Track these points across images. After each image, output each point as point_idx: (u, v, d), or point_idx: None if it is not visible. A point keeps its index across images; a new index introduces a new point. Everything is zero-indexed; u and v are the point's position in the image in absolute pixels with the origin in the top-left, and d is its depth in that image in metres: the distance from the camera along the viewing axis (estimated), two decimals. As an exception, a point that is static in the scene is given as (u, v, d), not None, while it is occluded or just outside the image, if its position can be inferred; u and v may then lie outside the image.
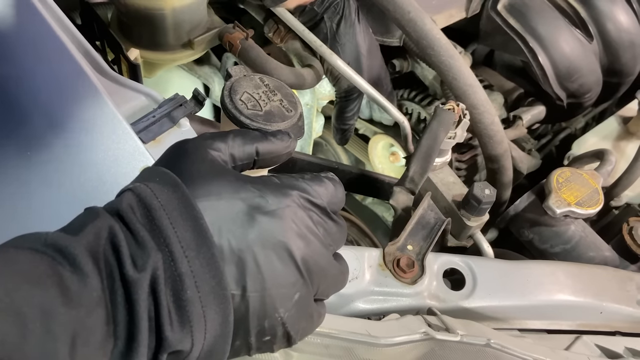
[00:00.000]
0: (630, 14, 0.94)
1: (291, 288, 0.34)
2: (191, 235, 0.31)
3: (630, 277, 0.66)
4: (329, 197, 0.37)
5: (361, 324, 0.49)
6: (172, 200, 0.32)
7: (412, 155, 0.64)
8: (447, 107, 0.63)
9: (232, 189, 0.34)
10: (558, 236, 0.71)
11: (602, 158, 0.78)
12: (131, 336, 0.29)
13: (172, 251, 0.30)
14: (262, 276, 0.33)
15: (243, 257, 0.33)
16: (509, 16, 0.88)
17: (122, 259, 0.29)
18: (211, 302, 0.31)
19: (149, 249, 0.30)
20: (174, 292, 0.30)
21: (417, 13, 0.68)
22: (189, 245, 0.31)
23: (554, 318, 0.61)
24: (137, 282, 0.29)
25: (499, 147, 0.72)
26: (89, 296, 0.28)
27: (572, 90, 0.91)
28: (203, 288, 0.31)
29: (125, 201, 0.32)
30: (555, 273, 0.61)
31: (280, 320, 0.34)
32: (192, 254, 0.31)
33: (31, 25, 0.52)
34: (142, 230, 0.31)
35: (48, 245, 0.29)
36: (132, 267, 0.29)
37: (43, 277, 0.27)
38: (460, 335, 0.50)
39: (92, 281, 0.28)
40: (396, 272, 0.55)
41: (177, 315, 0.30)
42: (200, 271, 0.31)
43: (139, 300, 0.29)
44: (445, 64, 0.68)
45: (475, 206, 0.63)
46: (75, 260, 0.28)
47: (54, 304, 0.27)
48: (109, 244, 0.30)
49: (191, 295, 0.30)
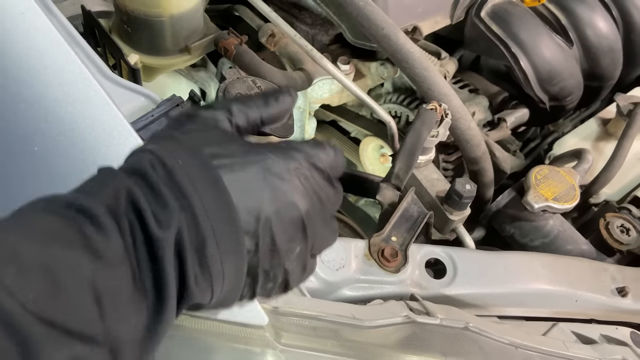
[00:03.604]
0: (609, 20, 0.98)
1: (294, 243, 0.37)
2: (212, 196, 0.33)
3: (605, 268, 0.69)
4: (330, 162, 0.39)
5: (347, 308, 0.52)
6: (192, 162, 0.34)
7: (397, 153, 0.68)
8: (430, 107, 0.67)
9: (243, 152, 0.36)
10: (537, 230, 0.74)
11: (579, 157, 0.82)
12: (160, 292, 0.30)
13: (194, 211, 0.32)
14: (273, 233, 0.35)
15: (258, 216, 0.35)
16: (492, 23, 0.92)
17: (145, 217, 0.31)
18: (230, 259, 0.33)
19: (173, 208, 0.31)
20: (197, 250, 0.32)
21: (391, 29, 0.72)
22: (210, 206, 0.33)
23: (531, 306, 0.64)
24: (162, 240, 0.30)
25: (477, 150, 0.76)
26: (114, 254, 0.29)
27: (554, 94, 0.95)
28: (223, 246, 0.33)
29: (147, 161, 0.33)
30: (532, 263, 0.65)
31: (283, 271, 0.37)
32: (214, 214, 0.33)
33: (38, 33, 0.55)
34: (165, 190, 0.32)
35: (69, 206, 0.30)
36: (156, 225, 0.31)
37: (69, 237, 0.29)
38: (440, 319, 0.53)
39: (115, 240, 0.30)
40: (381, 261, 0.59)
41: (200, 270, 0.32)
42: (221, 230, 0.33)
43: (164, 258, 0.30)
44: (419, 76, 0.72)
45: (457, 201, 0.67)
46: (97, 220, 0.30)
47: (82, 262, 0.28)
48: (129, 204, 0.31)
49: (212, 252, 0.32)
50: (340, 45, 0.98)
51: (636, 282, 0.69)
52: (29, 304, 0.26)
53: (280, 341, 0.46)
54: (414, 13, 0.89)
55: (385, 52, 0.75)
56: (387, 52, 0.75)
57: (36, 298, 0.26)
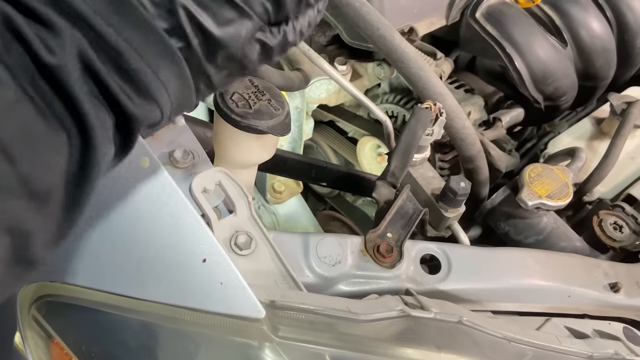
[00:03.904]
0: (602, 21, 0.99)
1: (233, 24, 0.31)
2: (107, 2, 0.28)
3: (598, 264, 0.70)
4: None
5: (343, 302, 0.53)
6: None
7: (393, 151, 0.69)
8: (425, 106, 0.68)
9: None
10: (531, 227, 0.76)
11: (573, 155, 0.83)
12: (81, 123, 0.27)
13: (91, 24, 0.27)
14: (198, 21, 0.30)
15: (169, 8, 0.29)
16: (486, 23, 0.93)
17: (31, 46, 0.26)
18: (160, 63, 0.29)
19: (61, 29, 0.26)
20: (116, 67, 0.28)
21: (386, 29, 0.74)
22: (107, 12, 0.27)
23: (524, 301, 0.65)
24: (60, 67, 0.26)
25: (472, 149, 0.77)
26: (6, 91, 0.25)
27: (548, 93, 0.96)
28: (145, 53, 0.28)
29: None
30: (525, 259, 0.66)
31: (232, 56, 0.33)
32: (116, 21, 0.28)
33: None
34: (43, 8, 0.26)
35: None
36: (46, 52, 0.26)
37: None
38: (434, 312, 0.54)
39: (4, 75, 0.25)
40: (376, 257, 0.60)
41: (132, 88, 0.28)
42: (134, 37, 0.28)
43: (70, 85, 0.26)
44: (415, 75, 0.73)
45: (452, 198, 0.68)
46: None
47: None
48: (6, 32, 0.26)
49: (135, 64, 0.28)
50: (338, 46, 0.99)
51: (628, 277, 0.70)
52: None
53: (277, 334, 0.47)
54: (410, 14, 0.90)
55: (381, 52, 0.77)
56: (382, 53, 0.76)
57: None
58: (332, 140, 1.18)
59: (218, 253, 0.47)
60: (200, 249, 0.47)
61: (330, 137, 1.18)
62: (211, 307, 0.46)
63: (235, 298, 0.46)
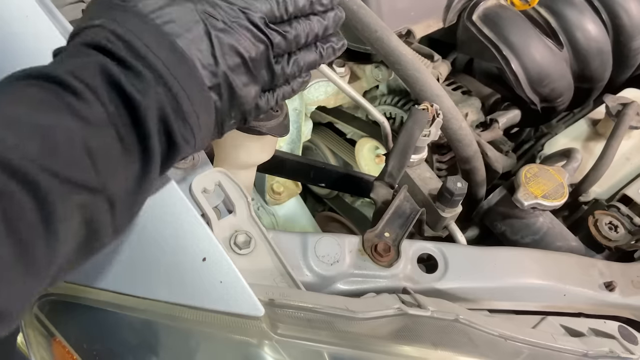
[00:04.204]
0: (598, 23, 1.00)
1: (248, 87, 0.42)
2: (174, 61, 0.37)
3: (593, 263, 0.71)
4: (266, 10, 0.42)
5: (341, 300, 0.54)
6: (144, 29, 0.36)
7: (391, 152, 0.70)
8: (422, 107, 0.69)
9: (184, 12, 0.39)
10: (528, 227, 0.76)
11: (569, 156, 0.84)
12: (146, 150, 0.35)
13: (164, 77, 0.36)
14: (230, 83, 0.40)
15: (214, 71, 0.39)
16: (483, 26, 0.94)
17: (124, 87, 0.34)
18: (202, 111, 0.39)
19: (147, 77, 0.35)
20: (175, 110, 0.37)
21: (384, 31, 0.74)
22: (176, 70, 0.37)
23: (520, 299, 0.66)
24: (144, 105, 0.34)
25: (468, 150, 0.78)
26: (98, 119, 0.33)
27: (545, 95, 0.97)
28: (195, 101, 0.38)
29: (103, 37, 0.36)
30: (521, 258, 0.66)
31: (241, 112, 0.44)
32: (181, 77, 0.37)
33: (42, 36, 0.57)
34: (134, 62, 0.35)
35: (47, 79, 0.33)
36: (137, 93, 0.34)
37: (55, 104, 0.32)
38: (431, 311, 0.55)
39: (96, 107, 0.33)
40: (374, 256, 0.61)
41: (183, 126, 0.38)
42: (189, 88, 0.37)
43: (148, 120, 0.34)
44: (412, 77, 0.74)
45: (449, 198, 0.69)
46: (76, 90, 0.32)
47: (73, 125, 0.31)
48: (103, 76, 0.34)
49: (187, 109, 0.37)
50: (336, 48, 1.00)
51: (623, 277, 0.71)
52: (34, 159, 0.29)
53: (276, 332, 0.48)
54: (408, 17, 0.91)
55: (379, 55, 0.78)
56: (380, 55, 0.77)
57: (38, 155, 0.29)
58: (331, 142, 1.18)
59: (218, 252, 0.48)
60: (200, 248, 0.48)
61: (328, 139, 1.19)
62: (211, 305, 0.47)
63: (234, 296, 0.47)
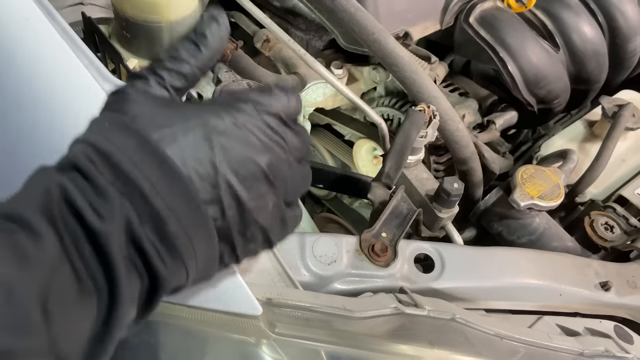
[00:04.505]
0: (594, 25, 1.01)
1: (263, 198, 0.35)
2: (159, 173, 0.31)
3: (589, 263, 0.72)
4: (282, 106, 0.37)
5: (338, 300, 0.54)
6: (129, 142, 0.31)
7: (388, 153, 0.70)
8: (418, 108, 0.69)
9: (182, 117, 0.33)
10: (524, 228, 0.77)
11: (565, 157, 0.85)
12: (112, 288, 0.29)
13: (143, 192, 0.30)
14: (235, 194, 0.33)
15: (213, 182, 0.33)
16: (480, 28, 0.94)
17: (81, 212, 0.28)
18: (195, 231, 0.32)
19: (112, 197, 0.29)
20: (157, 231, 0.30)
21: (381, 34, 0.75)
22: (160, 183, 0.30)
23: (516, 299, 0.66)
24: (103, 232, 0.28)
25: (465, 151, 0.79)
26: (48, 255, 0.27)
27: (541, 97, 0.98)
28: (184, 220, 0.31)
29: (80, 152, 0.31)
30: (517, 258, 0.67)
31: (260, 229, 0.36)
32: (165, 191, 0.30)
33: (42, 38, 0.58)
34: (101, 179, 0.30)
35: (6, 217, 0.28)
36: (96, 219, 0.29)
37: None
38: (427, 310, 0.56)
39: (49, 240, 0.28)
40: (371, 256, 0.61)
41: (166, 251, 0.31)
42: (177, 205, 0.31)
43: (111, 251, 0.28)
44: (409, 79, 0.75)
45: (445, 199, 0.69)
46: (25, 222, 0.27)
47: (13, 270, 0.26)
48: (63, 201, 0.29)
49: (174, 229, 0.30)
50: (334, 50, 1.01)
51: (619, 277, 0.71)
52: None
53: (274, 331, 0.49)
54: (405, 19, 0.92)
55: (376, 57, 0.78)
56: (377, 57, 0.77)
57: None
58: (329, 143, 1.19)
59: (216, 252, 0.48)
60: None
61: (326, 140, 1.19)
62: (209, 305, 0.47)
63: (233, 296, 0.48)
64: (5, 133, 0.55)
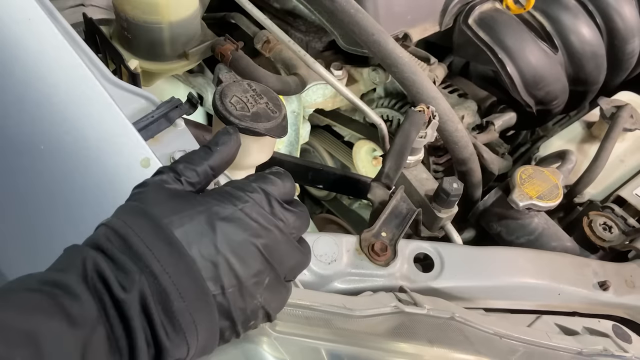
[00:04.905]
0: (592, 27, 1.02)
1: (261, 276, 0.39)
2: (167, 253, 0.36)
3: (587, 263, 0.72)
4: (278, 191, 0.41)
5: (338, 299, 0.54)
6: (144, 226, 0.36)
7: (387, 153, 0.71)
8: (418, 109, 0.70)
9: (190, 205, 0.39)
10: (523, 228, 0.77)
11: (563, 157, 0.85)
12: (132, 348, 0.34)
13: (153, 271, 0.35)
14: (235, 272, 0.38)
15: (215, 261, 0.37)
16: (479, 29, 0.95)
17: (109, 283, 0.34)
18: (198, 307, 0.36)
19: (132, 272, 0.35)
20: (163, 306, 0.35)
21: (381, 35, 0.76)
22: (167, 262, 0.35)
23: (515, 299, 0.67)
24: (126, 301, 0.34)
25: (464, 152, 0.79)
26: (90, 317, 0.33)
27: (540, 98, 0.98)
28: (188, 297, 0.35)
29: (102, 235, 0.37)
30: (516, 258, 0.67)
31: (259, 304, 0.39)
32: (172, 269, 0.35)
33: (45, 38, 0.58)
34: (122, 257, 0.35)
35: (43, 282, 0.33)
36: (120, 289, 0.34)
37: (47, 308, 0.32)
38: (427, 309, 0.56)
39: (89, 304, 0.33)
40: (371, 255, 0.61)
41: (170, 325, 0.35)
42: (182, 283, 0.35)
43: (132, 317, 0.33)
44: (409, 80, 0.75)
45: (445, 199, 0.70)
46: (70, 289, 0.33)
47: (62, 328, 0.31)
48: (94, 272, 0.34)
49: (178, 306, 0.35)
50: (334, 51, 1.01)
51: (617, 276, 0.71)
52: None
53: (275, 329, 0.49)
54: (404, 20, 0.93)
55: (376, 58, 0.79)
56: (377, 58, 0.78)
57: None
58: (329, 144, 1.19)
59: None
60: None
61: (326, 141, 1.20)
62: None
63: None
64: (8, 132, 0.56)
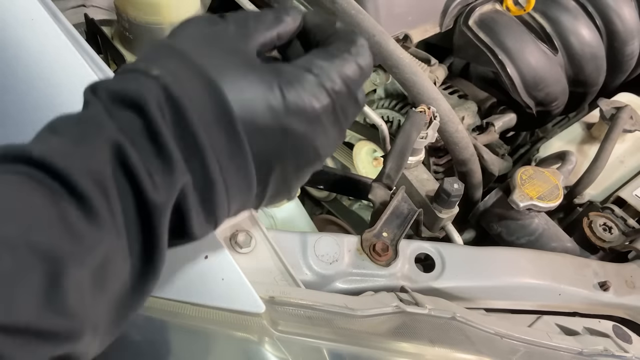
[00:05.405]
0: (592, 29, 1.02)
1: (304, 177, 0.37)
2: (225, 142, 0.29)
3: (587, 263, 0.72)
4: (352, 72, 0.38)
5: (340, 298, 0.54)
6: (205, 100, 0.29)
7: (388, 154, 0.71)
8: (419, 109, 0.70)
9: (264, 86, 0.31)
10: (523, 228, 0.77)
11: (563, 158, 0.85)
12: (149, 261, 0.28)
13: (204, 161, 0.29)
14: (286, 183, 0.35)
15: (270, 169, 0.33)
16: (479, 31, 0.95)
17: (137, 180, 0.26)
18: (237, 200, 0.32)
19: (177, 168, 0.27)
20: (202, 195, 0.30)
21: (382, 36, 0.76)
22: (222, 153, 0.29)
23: (516, 299, 0.67)
24: (159, 206, 0.27)
25: (465, 152, 0.79)
26: (105, 240, 0.25)
27: (540, 99, 0.99)
28: (233, 194, 0.31)
29: (152, 95, 0.27)
30: (517, 258, 0.68)
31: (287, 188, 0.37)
32: (225, 163, 0.30)
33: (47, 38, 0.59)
34: (171, 141, 0.27)
35: (39, 165, 0.25)
36: (152, 189, 0.26)
37: (45, 218, 0.23)
38: (428, 309, 0.56)
39: (103, 220, 0.25)
40: (372, 255, 0.62)
41: (205, 218, 0.31)
42: (233, 179, 0.30)
43: (159, 228, 0.27)
44: (409, 81, 0.76)
45: (445, 199, 0.70)
46: (74, 187, 0.24)
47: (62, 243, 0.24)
48: (117, 164, 0.26)
49: (220, 200, 0.30)
50: (334, 52, 1.01)
51: (617, 277, 0.72)
52: None
53: (277, 328, 0.49)
54: (405, 21, 0.93)
55: (377, 58, 0.79)
56: (378, 58, 0.78)
57: None
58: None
59: (219, 250, 0.49)
60: (202, 246, 0.49)
61: (326, 142, 1.19)
62: (213, 302, 0.48)
63: (236, 293, 0.48)
64: (10, 132, 0.56)
